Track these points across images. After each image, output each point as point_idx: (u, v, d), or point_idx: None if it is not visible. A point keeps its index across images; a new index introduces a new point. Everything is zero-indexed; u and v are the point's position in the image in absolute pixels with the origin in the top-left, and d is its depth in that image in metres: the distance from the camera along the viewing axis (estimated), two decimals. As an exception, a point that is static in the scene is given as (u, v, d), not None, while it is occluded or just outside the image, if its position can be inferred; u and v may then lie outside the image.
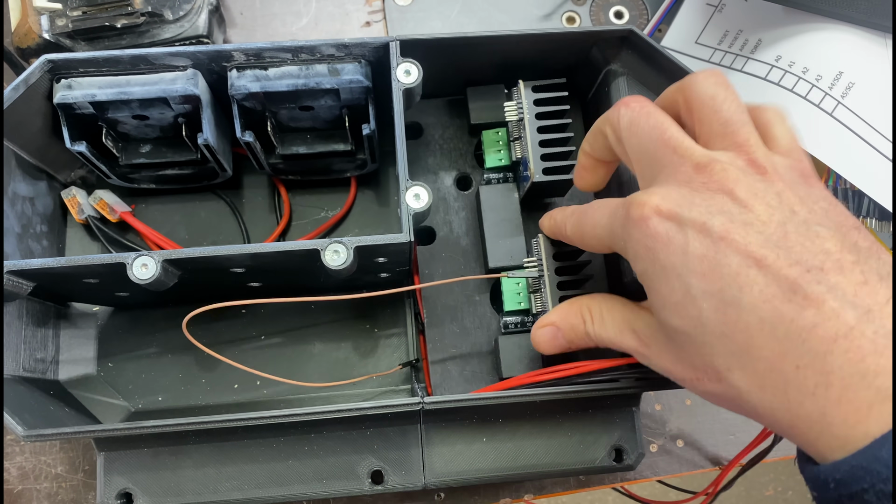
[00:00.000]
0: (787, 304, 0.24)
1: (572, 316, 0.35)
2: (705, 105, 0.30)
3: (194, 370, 0.43)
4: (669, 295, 0.27)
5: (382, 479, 0.39)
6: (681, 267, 0.27)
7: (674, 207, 0.27)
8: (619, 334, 0.32)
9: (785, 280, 0.24)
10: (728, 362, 0.26)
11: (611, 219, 0.31)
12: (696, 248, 0.26)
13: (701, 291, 0.26)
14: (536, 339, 0.37)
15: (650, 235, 0.27)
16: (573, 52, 0.41)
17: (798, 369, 0.24)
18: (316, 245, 0.34)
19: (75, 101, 0.37)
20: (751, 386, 0.25)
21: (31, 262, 0.34)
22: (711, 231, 0.26)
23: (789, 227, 0.25)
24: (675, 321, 0.27)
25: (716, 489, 0.45)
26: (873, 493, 0.22)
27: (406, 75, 0.37)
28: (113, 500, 0.38)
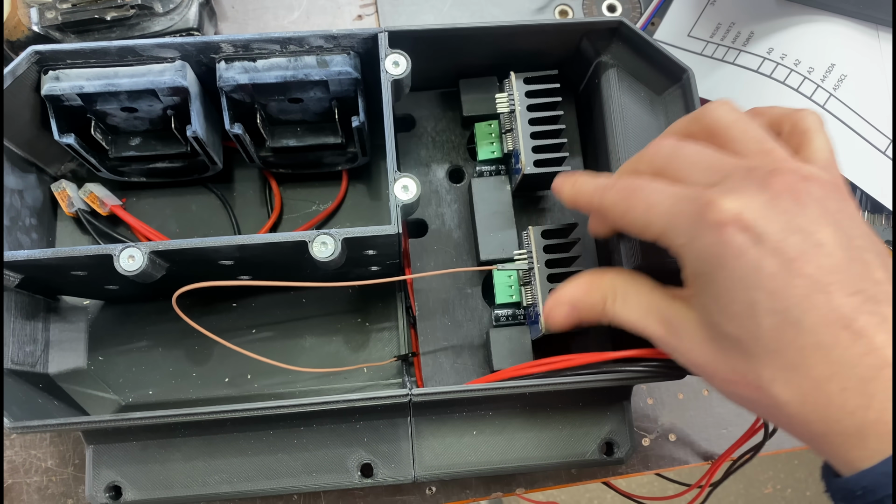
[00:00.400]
0: (845, 331, 0.25)
1: (594, 294, 0.33)
2: (733, 127, 0.30)
3: (185, 364, 0.43)
4: (730, 304, 0.27)
5: (372, 472, 0.39)
6: (749, 281, 0.27)
7: (755, 220, 0.27)
8: (642, 319, 0.32)
9: (845, 308, 0.25)
10: (774, 375, 0.27)
11: (676, 207, 0.29)
12: (768, 266, 0.26)
13: (765, 308, 0.26)
14: (550, 316, 0.35)
15: (724, 243, 0.27)
16: (564, 44, 0.41)
17: (843, 391, 0.25)
18: (303, 237, 0.34)
19: (63, 92, 0.36)
20: (791, 399, 0.26)
21: (17, 254, 0.34)
22: (786, 251, 0.26)
23: (851, 254, 0.26)
24: (730, 328, 0.28)
25: (708, 482, 0.45)
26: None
27: (395, 66, 0.37)
28: (102, 493, 0.38)
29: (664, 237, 0.30)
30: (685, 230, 0.28)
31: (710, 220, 0.27)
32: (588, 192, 0.34)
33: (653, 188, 0.30)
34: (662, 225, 0.30)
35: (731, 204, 0.27)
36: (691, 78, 0.38)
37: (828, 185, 0.28)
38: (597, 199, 0.33)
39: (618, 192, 0.32)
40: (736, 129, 0.31)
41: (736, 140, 0.30)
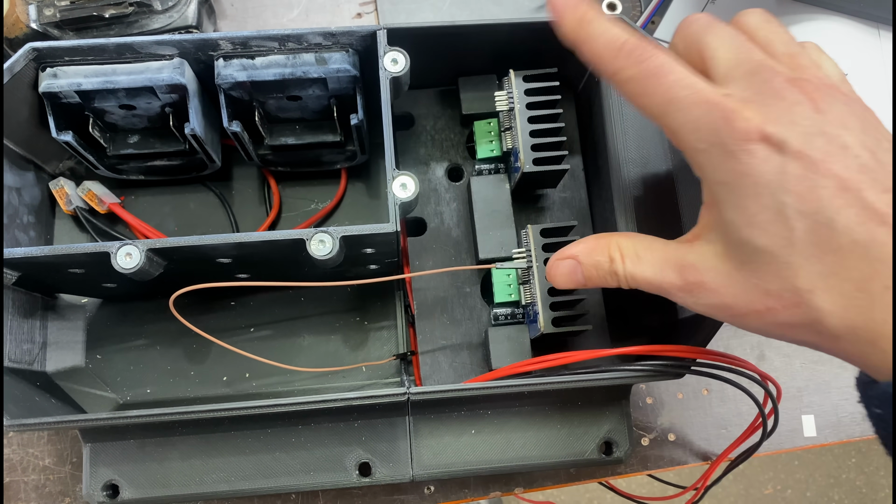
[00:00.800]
0: (882, 227, 0.25)
1: (598, 252, 0.32)
2: (763, 28, 0.30)
3: (183, 363, 0.43)
4: (759, 212, 0.27)
5: (370, 471, 0.39)
6: (776, 185, 0.26)
7: (777, 130, 0.26)
8: (659, 273, 0.31)
9: (880, 204, 0.25)
10: (813, 283, 0.26)
11: (700, 111, 0.28)
12: (794, 169, 0.26)
13: (795, 211, 0.26)
14: (553, 270, 0.34)
15: (748, 151, 0.27)
16: (563, 42, 0.41)
17: (886, 289, 0.24)
18: (301, 234, 0.34)
19: (61, 89, 0.36)
20: (835, 307, 0.26)
21: (14, 251, 0.33)
22: (811, 155, 0.26)
23: (879, 155, 0.26)
24: (762, 240, 0.27)
25: (704, 483, 0.45)
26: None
27: (393, 64, 0.36)
28: (99, 491, 0.38)
29: (679, 136, 0.29)
30: (706, 136, 0.28)
31: (733, 131, 0.27)
32: (600, 45, 0.31)
33: (676, 78, 0.29)
34: (680, 124, 0.29)
35: (752, 115, 0.27)
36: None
37: (848, 95, 0.28)
38: (609, 62, 0.30)
39: (637, 67, 0.29)
40: (766, 29, 0.30)
41: (765, 41, 0.30)
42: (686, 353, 0.35)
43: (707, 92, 0.28)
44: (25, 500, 0.42)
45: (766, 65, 0.28)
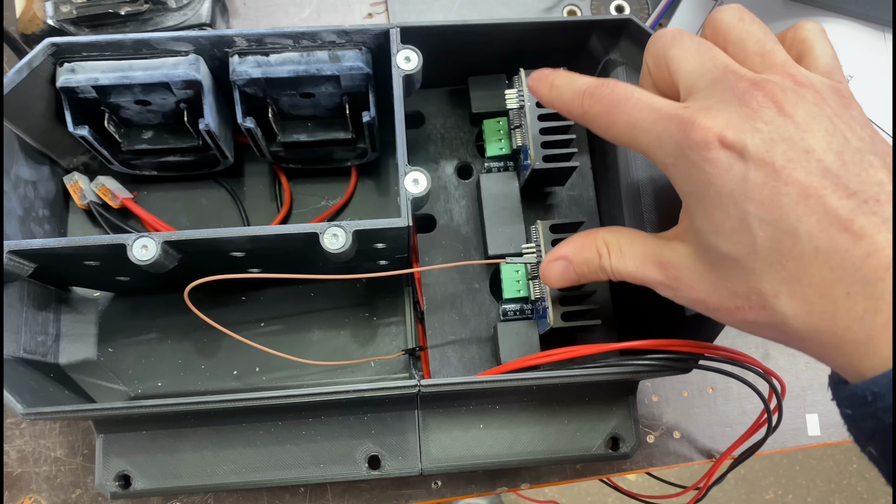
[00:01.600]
0: (843, 233, 0.25)
1: (586, 250, 0.34)
2: (735, 27, 0.30)
3: (194, 357, 0.44)
4: (723, 221, 0.27)
5: (380, 464, 0.39)
6: (739, 194, 0.26)
7: (738, 136, 0.26)
8: (641, 267, 0.31)
9: (842, 210, 0.25)
10: (777, 289, 0.26)
11: (660, 127, 0.29)
12: (756, 177, 0.26)
13: (758, 219, 0.26)
14: (546, 272, 0.35)
15: (710, 161, 0.27)
16: (573, 41, 0.42)
17: (848, 296, 0.25)
18: (315, 228, 0.35)
19: (78, 84, 0.37)
20: (798, 311, 0.26)
21: (32, 243, 0.34)
22: (773, 161, 0.26)
23: (845, 156, 0.26)
24: (727, 247, 0.27)
25: (708, 482, 0.45)
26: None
27: (406, 62, 0.37)
28: (111, 481, 0.38)
29: (650, 155, 0.30)
30: (670, 151, 0.28)
31: (693, 141, 0.27)
32: (567, 98, 0.33)
33: (635, 102, 0.30)
34: (647, 144, 0.29)
35: (710, 122, 0.27)
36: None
37: (824, 89, 0.28)
38: (577, 108, 0.32)
39: (600, 104, 0.31)
40: (738, 29, 0.30)
41: (736, 41, 0.30)
42: (692, 348, 0.35)
43: (666, 108, 0.29)
44: (37, 491, 0.43)
45: (731, 70, 0.28)
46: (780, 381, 0.38)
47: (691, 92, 0.29)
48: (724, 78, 0.28)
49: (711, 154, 0.27)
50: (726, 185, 0.27)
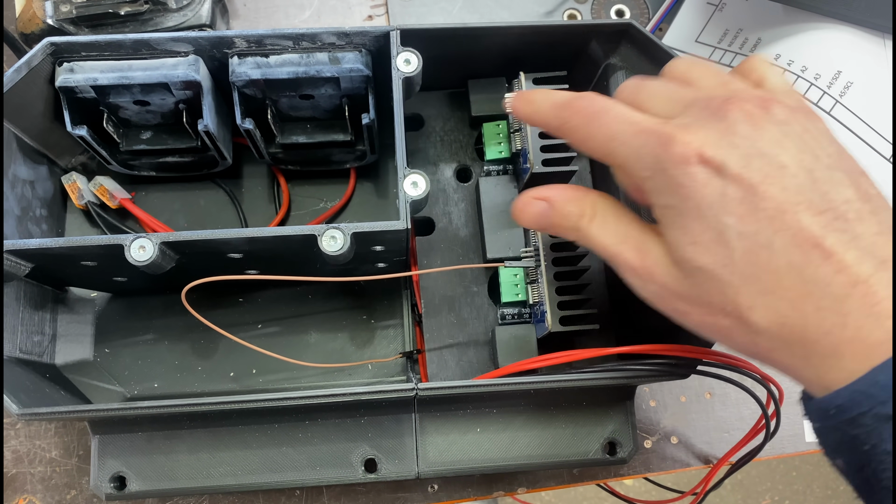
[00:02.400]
0: (815, 249, 0.25)
1: (572, 203, 0.32)
2: (693, 69, 0.31)
3: (190, 358, 0.43)
4: (702, 233, 0.27)
5: (376, 467, 0.39)
6: (718, 207, 0.27)
7: (716, 154, 0.27)
8: (619, 244, 0.31)
9: (814, 227, 0.26)
10: (752, 301, 0.27)
11: (638, 141, 0.29)
12: (734, 192, 0.27)
13: (736, 232, 0.27)
14: (523, 208, 0.34)
15: (688, 176, 0.27)
16: (573, 45, 0.42)
17: (818, 310, 0.25)
18: (313, 230, 0.34)
19: (77, 84, 0.37)
20: (771, 323, 0.27)
21: (29, 242, 0.34)
22: (751, 177, 0.27)
23: (816, 174, 0.26)
24: (704, 259, 0.28)
25: (705, 488, 0.45)
26: (871, 416, 0.24)
27: (406, 64, 0.37)
28: (106, 483, 0.38)
29: (627, 168, 0.30)
30: (648, 165, 0.29)
31: (672, 156, 0.28)
32: (545, 112, 0.33)
33: (614, 115, 0.30)
34: (624, 157, 0.30)
35: (689, 138, 0.27)
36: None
37: (791, 107, 0.28)
38: (555, 120, 0.33)
39: (579, 116, 0.31)
40: (695, 69, 0.31)
41: (695, 78, 0.31)
42: (691, 353, 0.35)
43: (645, 122, 0.29)
44: (32, 492, 0.43)
45: (701, 94, 0.29)
46: (777, 387, 0.38)
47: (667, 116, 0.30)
48: (697, 100, 0.29)
49: (690, 169, 0.27)
50: (705, 199, 0.27)
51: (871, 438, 0.24)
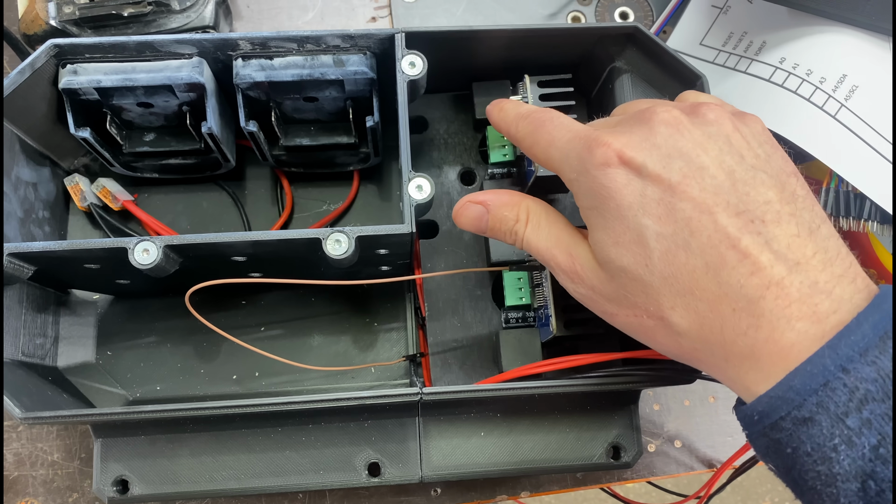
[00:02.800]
0: (731, 250, 0.26)
1: (507, 208, 0.33)
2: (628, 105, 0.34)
3: (193, 361, 0.43)
4: (622, 233, 0.28)
5: (379, 471, 0.39)
6: (637, 208, 0.28)
7: (636, 155, 0.28)
8: (552, 248, 0.32)
9: (730, 228, 0.26)
10: (672, 302, 0.27)
11: (570, 145, 0.30)
12: (653, 193, 0.27)
13: (654, 233, 0.27)
14: (461, 211, 0.35)
15: (609, 177, 0.28)
16: (578, 49, 0.41)
17: (734, 311, 0.26)
18: (318, 234, 0.34)
19: (80, 86, 0.37)
20: (691, 324, 0.27)
21: (32, 245, 0.34)
22: (670, 178, 0.27)
23: (737, 174, 0.27)
24: (625, 259, 0.28)
25: (708, 492, 0.45)
26: (790, 419, 0.25)
27: (411, 67, 0.37)
28: (109, 486, 0.38)
29: (560, 172, 0.31)
30: (575, 166, 0.30)
31: (595, 157, 0.28)
32: (509, 120, 0.35)
33: (556, 124, 0.32)
34: (558, 161, 0.31)
35: (613, 141, 0.28)
36: (705, 84, 0.38)
37: (721, 109, 0.29)
38: (514, 129, 0.34)
39: (530, 124, 0.33)
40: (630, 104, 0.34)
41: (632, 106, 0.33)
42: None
43: (578, 129, 0.30)
44: (34, 495, 0.42)
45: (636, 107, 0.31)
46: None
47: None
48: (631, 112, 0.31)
49: (610, 170, 0.28)
50: (625, 199, 0.28)
51: (792, 441, 0.25)
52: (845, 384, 0.24)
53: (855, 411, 0.24)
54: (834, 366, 0.24)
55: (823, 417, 0.24)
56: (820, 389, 0.24)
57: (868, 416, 0.24)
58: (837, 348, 0.24)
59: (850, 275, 0.26)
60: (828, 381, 0.24)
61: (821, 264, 0.26)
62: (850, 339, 0.24)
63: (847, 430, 0.24)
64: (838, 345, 0.24)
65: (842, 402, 0.24)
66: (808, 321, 0.25)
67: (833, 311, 0.25)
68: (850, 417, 0.24)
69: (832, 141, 0.42)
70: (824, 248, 0.26)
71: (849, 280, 0.26)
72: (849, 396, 0.24)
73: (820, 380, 0.24)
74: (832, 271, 0.26)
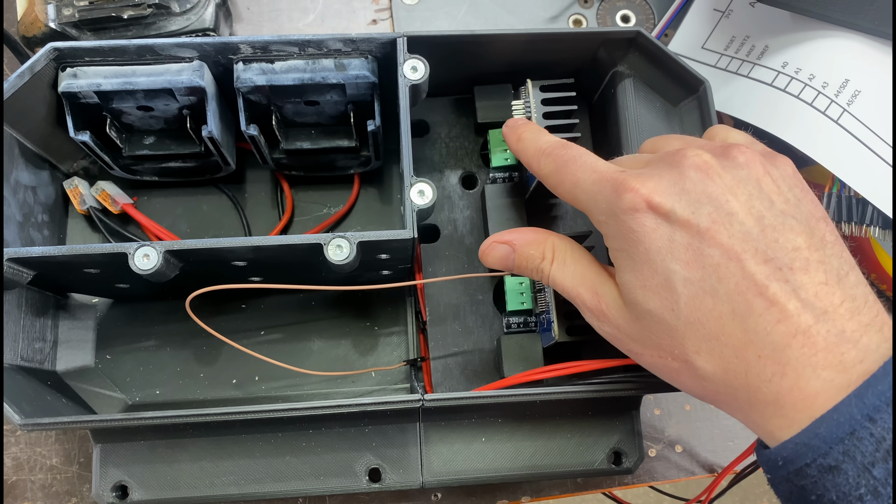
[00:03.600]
0: (758, 298, 0.26)
1: (533, 246, 0.34)
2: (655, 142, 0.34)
3: (192, 365, 0.43)
4: (650, 277, 0.28)
5: (380, 477, 0.39)
6: (665, 253, 0.28)
7: (664, 201, 0.28)
8: (577, 286, 0.32)
9: (758, 276, 0.26)
10: (698, 346, 0.28)
11: (597, 187, 0.30)
12: (681, 238, 0.28)
13: (682, 278, 0.27)
14: (487, 251, 0.35)
15: (637, 223, 0.28)
16: (580, 53, 0.41)
17: (759, 358, 0.26)
18: (319, 239, 0.34)
19: (80, 90, 0.36)
20: (716, 369, 0.27)
21: (32, 250, 0.33)
22: (698, 224, 0.27)
23: (767, 220, 0.27)
24: (652, 303, 0.28)
25: (709, 496, 0.45)
26: (815, 467, 0.25)
27: (413, 71, 0.37)
28: (108, 492, 0.38)
29: (588, 213, 0.31)
30: (603, 209, 0.30)
31: (623, 202, 0.29)
32: (530, 154, 0.35)
33: (581, 163, 0.32)
34: (585, 202, 0.31)
35: (641, 186, 0.28)
36: (708, 89, 0.38)
37: (752, 151, 0.29)
38: (535, 165, 0.34)
39: (553, 163, 0.33)
40: (658, 142, 0.34)
41: (661, 145, 0.33)
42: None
43: (605, 171, 0.30)
44: (32, 500, 0.42)
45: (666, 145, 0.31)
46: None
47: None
48: (659, 155, 0.31)
49: (639, 216, 0.28)
50: (653, 244, 0.28)
51: (816, 489, 0.25)
52: (872, 434, 0.24)
53: (881, 461, 0.24)
54: (861, 415, 0.24)
55: (850, 466, 0.24)
56: (846, 438, 0.24)
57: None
58: (864, 397, 0.24)
59: (878, 324, 0.26)
60: (854, 431, 0.24)
61: (848, 313, 0.26)
62: (878, 388, 0.24)
63: (873, 481, 0.24)
64: (865, 394, 0.24)
65: (868, 451, 0.24)
66: (833, 370, 0.25)
67: (860, 360, 0.25)
68: (876, 468, 0.24)
69: (834, 146, 0.42)
70: (852, 297, 0.26)
71: (876, 329, 0.26)
72: (875, 447, 0.24)
73: (847, 429, 0.24)
74: (859, 320, 0.26)
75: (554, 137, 0.34)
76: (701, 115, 0.39)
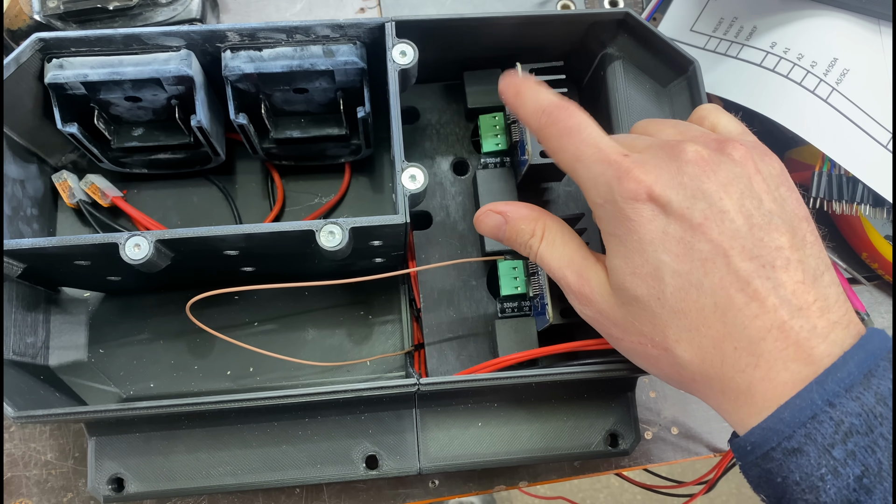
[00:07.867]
0: (740, 293, 0.27)
1: (525, 222, 0.34)
2: (650, 124, 0.34)
3: (186, 357, 0.43)
4: (640, 266, 0.29)
5: (377, 463, 0.39)
6: (658, 243, 0.29)
7: (664, 193, 0.29)
8: (564, 267, 0.33)
9: (742, 272, 0.28)
10: (678, 335, 0.29)
11: (599, 168, 0.30)
12: (674, 231, 0.29)
13: (671, 269, 0.28)
14: (482, 218, 0.36)
15: (635, 211, 0.29)
16: (569, 36, 0.41)
17: (735, 350, 0.28)
18: (311, 226, 0.34)
19: (67, 80, 0.36)
20: (693, 358, 0.29)
21: (21, 242, 0.33)
22: (692, 218, 0.28)
23: (755, 219, 0.28)
24: (640, 290, 0.29)
25: (717, 474, 0.45)
26: (780, 450, 0.26)
27: (402, 56, 0.36)
28: (104, 485, 0.38)
29: (584, 190, 0.32)
30: (602, 193, 0.30)
31: (625, 189, 0.29)
32: (528, 110, 0.34)
33: (584, 136, 0.31)
34: (584, 180, 0.31)
35: (644, 176, 0.29)
36: (698, 70, 0.38)
37: (746, 146, 0.30)
38: (535, 123, 0.34)
39: (554, 126, 0.32)
40: (652, 126, 0.34)
41: (655, 131, 0.33)
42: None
43: (609, 151, 0.30)
44: (27, 496, 0.42)
45: (661, 138, 0.32)
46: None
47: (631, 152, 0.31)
48: (657, 142, 0.31)
49: (638, 205, 0.29)
50: (648, 234, 0.29)
51: (781, 471, 0.26)
52: (831, 417, 0.26)
53: (840, 443, 0.25)
54: (821, 400, 0.26)
55: (811, 448, 0.26)
56: (808, 422, 0.26)
57: (852, 448, 0.25)
58: (825, 384, 0.26)
59: (845, 321, 0.28)
60: (815, 415, 0.26)
61: (819, 311, 0.27)
62: (837, 375, 0.26)
63: (833, 461, 0.25)
64: (825, 381, 0.26)
65: (828, 434, 0.26)
66: (802, 363, 0.27)
67: (827, 354, 0.27)
68: (835, 449, 0.25)
69: (824, 124, 0.42)
70: (825, 296, 0.28)
71: (843, 326, 0.27)
72: (835, 429, 0.25)
73: (808, 413, 0.26)
74: (829, 318, 0.27)
75: (554, 94, 0.33)
76: (691, 95, 0.39)
